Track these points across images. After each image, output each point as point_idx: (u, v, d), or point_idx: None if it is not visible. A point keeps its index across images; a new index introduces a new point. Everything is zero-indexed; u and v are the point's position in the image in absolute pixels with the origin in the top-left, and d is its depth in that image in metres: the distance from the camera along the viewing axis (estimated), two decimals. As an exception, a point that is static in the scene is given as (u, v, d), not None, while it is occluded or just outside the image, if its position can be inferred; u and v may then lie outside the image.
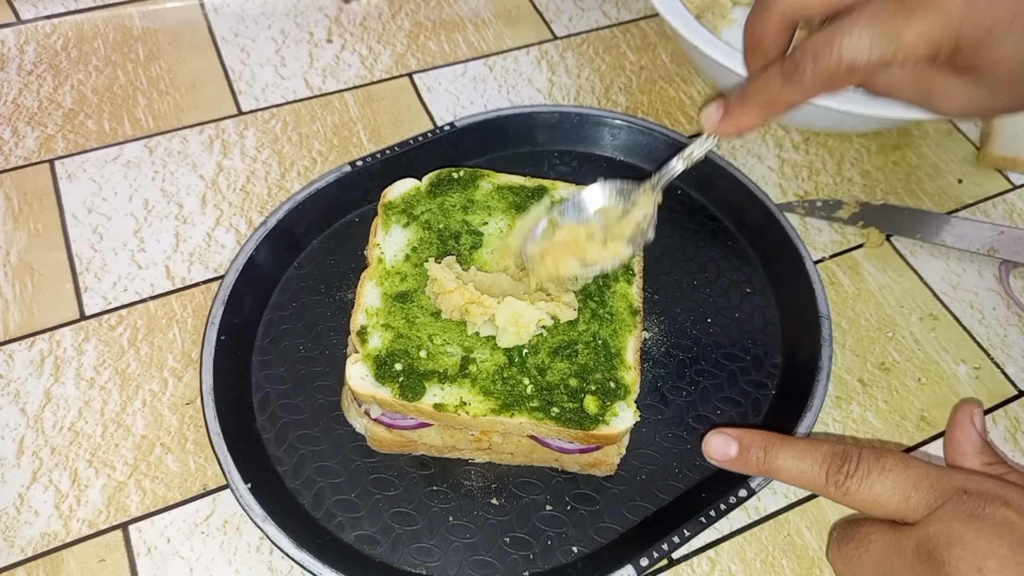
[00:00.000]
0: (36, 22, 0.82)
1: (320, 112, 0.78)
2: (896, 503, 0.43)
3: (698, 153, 0.56)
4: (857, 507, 0.45)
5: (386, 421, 0.55)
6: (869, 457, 0.45)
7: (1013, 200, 0.76)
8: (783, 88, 0.48)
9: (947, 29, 0.44)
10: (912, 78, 0.48)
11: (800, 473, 0.47)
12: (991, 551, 0.39)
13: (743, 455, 0.49)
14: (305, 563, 0.50)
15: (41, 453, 0.57)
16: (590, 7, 0.89)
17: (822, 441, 0.47)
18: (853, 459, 0.45)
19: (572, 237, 0.56)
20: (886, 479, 0.44)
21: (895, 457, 0.45)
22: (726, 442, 0.50)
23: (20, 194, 0.70)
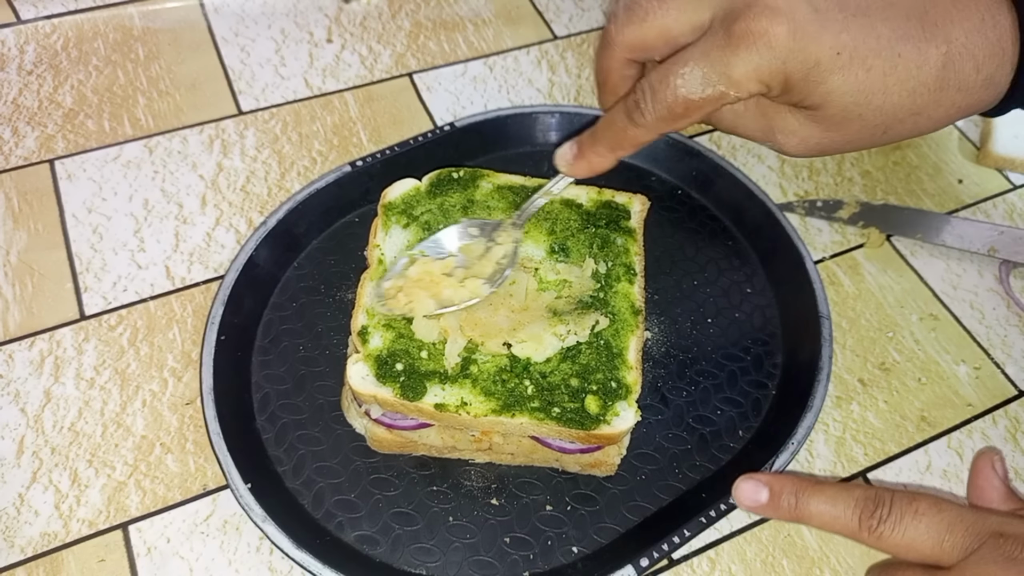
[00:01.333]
0: (36, 22, 0.82)
1: (320, 112, 0.78)
2: (931, 547, 0.43)
3: (557, 190, 0.56)
4: (892, 552, 0.45)
5: (386, 421, 0.55)
6: (902, 501, 0.44)
7: (1013, 200, 0.76)
8: (627, 127, 0.49)
9: (774, 64, 0.44)
10: (753, 115, 0.48)
11: (833, 519, 0.46)
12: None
13: (774, 501, 0.48)
14: (305, 563, 0.50)
15: (41, 453, 0.57)
16: (590, 7, 0.89)
17: (853, 486, 0.47)
18: (886, 503, 0.44)
19: (427, 274, 0.56)
20: (920, 523, 0.43)
21: (928, 500, 0.44)
22: (756, 488, 0.48)
23: (20, 194, 0.70)
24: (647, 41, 0.48)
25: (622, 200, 0.63)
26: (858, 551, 0.56)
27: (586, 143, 0.52)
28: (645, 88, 0.47)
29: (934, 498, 0.44)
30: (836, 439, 0.61)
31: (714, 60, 0.44)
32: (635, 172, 0.74)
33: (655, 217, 0.64)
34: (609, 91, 0.51)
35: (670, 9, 0.47)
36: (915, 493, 0.45)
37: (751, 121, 0.49)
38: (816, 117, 0.47)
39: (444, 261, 0.57)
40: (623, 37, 0.48)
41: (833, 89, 0.45)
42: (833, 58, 0.44)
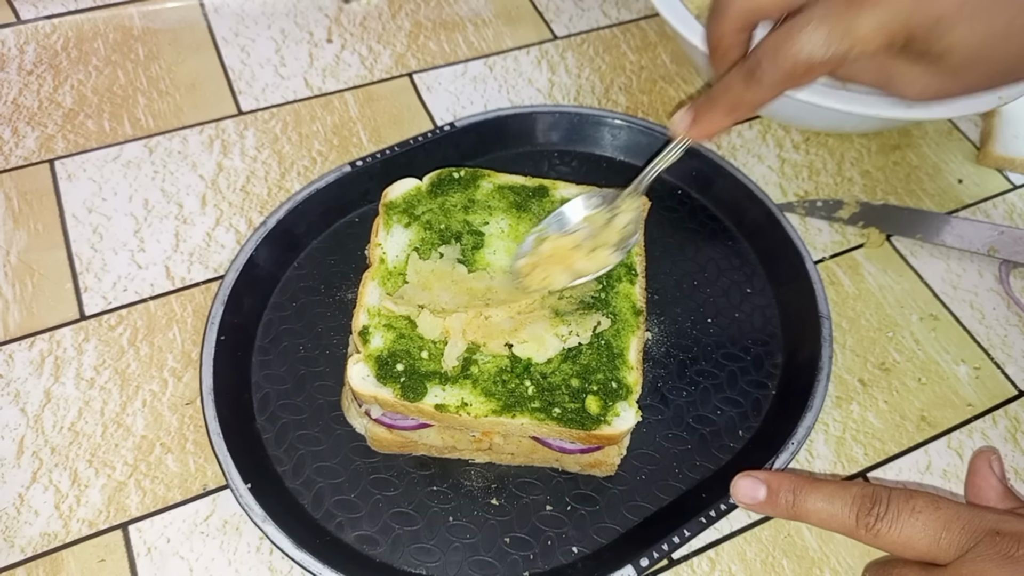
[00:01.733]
0: (36, 22, 0.82)
1: (320, 112, 0.78)
2: (927, 544, 0.43)
3: (674, 157, 0.56)
4: (888, 549, 0.45)
5: (387, 421, 0.55)
6: (899, 499, 0.44)
7: (1013, 200, 0.76)
8: (745, 90, 0.49)
9: (898, 20, 0.45)
10: (872, 67, 0.49)
11: (830, 516, 0.46)
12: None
13: (772, 499, 0.48)
14: (305, 563, 0.50)
15: (41, 453, 0.57)
16: (590, 7, 0.89)
17: (851, 484, 0.47)
18: (883, 501, 0.45)
19: (559, 248, 0.57)
20: (916, 520, 0.43)
21: (925, 498, 0.44)
22: (754, 485, 0.49)
23: (20, 194, 0.70)
24: (764, 5, 0.49)
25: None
26: (858, 551, 0.56)
27: (702, 107, 0.52)
28: (766, 50, 0.47)
29: (931, 496, 0.44)
30: (836, 439, 0.61)
31: (838, 19, 0.45)
32: (635, 172, 0.73)
33: (655, 217, 0.64)
34: (721, 56, 0.52)
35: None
36: (912, 491, 0.45)
37: (867, 73, 0.49)
38: (937, 68, 0.47)
39: (572, 235, 0.57)
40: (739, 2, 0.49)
41: (956, 41, 0.45)
42: (956, 11, 0.44)
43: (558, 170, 0.74)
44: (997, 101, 0.68)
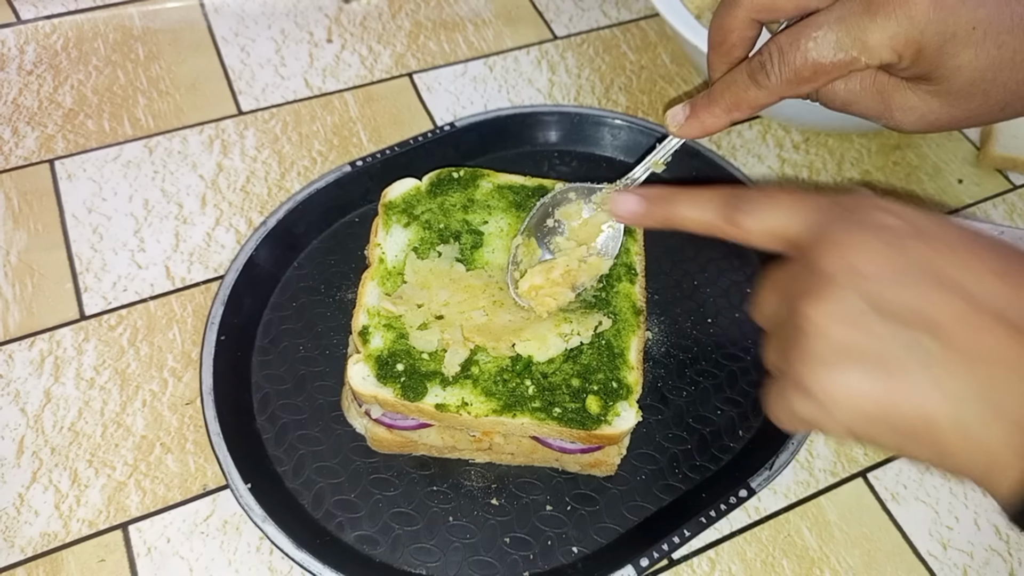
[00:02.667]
0: (36, 22, 0.82)
1: (320, 112, 0.78)
2: (783, 227, 0.44)
3: (663, 156, 0.55)
4: (752, 240, 0.46)
5: (387, 421, 0.55)
6: (757, 193, 0.46)
7: (1013, 200, 0.76)
8: (748, 88, 0.49)
9: (911, 33, 0.44)
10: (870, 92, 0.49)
11: (699, 218, 0.47)
12: (856, 242, 0.40)
13: (647, 209, 0.50)
14: (305, 563, 0.50)
15: (41, 453, 0.57)
16: (590, 7, 0.89)
17: (715, 188, 0.48)
18: (743, 197, 0.46)
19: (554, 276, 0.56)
20: (772, 206, 0.44)
21: (780, 190, 0.46)
22: (630, 199, 0.50)
23: (20, 194, 0.70)
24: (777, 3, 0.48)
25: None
26: (858, 551, 0.56)
27: (701, 103, 0.52)
28: (773, 50, 0.47)
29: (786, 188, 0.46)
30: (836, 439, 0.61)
31: (850, 25, 0.45)
32: (635, 172, 0.74)
33: (655, 217, 0.64)
34: (724, 52, 0.51)
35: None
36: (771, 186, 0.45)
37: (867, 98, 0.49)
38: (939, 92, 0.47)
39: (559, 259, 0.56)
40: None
41: (964, 64, 0.45)
42: (969, 32, 0.45)
43: (558, 170, 0.74)
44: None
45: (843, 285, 0.39)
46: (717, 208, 0.47)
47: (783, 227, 0.44)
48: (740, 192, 0.46)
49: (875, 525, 0.58)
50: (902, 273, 0.39)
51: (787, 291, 0.43)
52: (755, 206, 0.45)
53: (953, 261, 0.39)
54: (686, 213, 0.48)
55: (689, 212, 0.48)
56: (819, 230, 0.42)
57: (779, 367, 0.42)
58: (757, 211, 0.45)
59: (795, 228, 0.44)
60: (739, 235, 0.46)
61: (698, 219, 0.48)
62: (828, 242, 0.41)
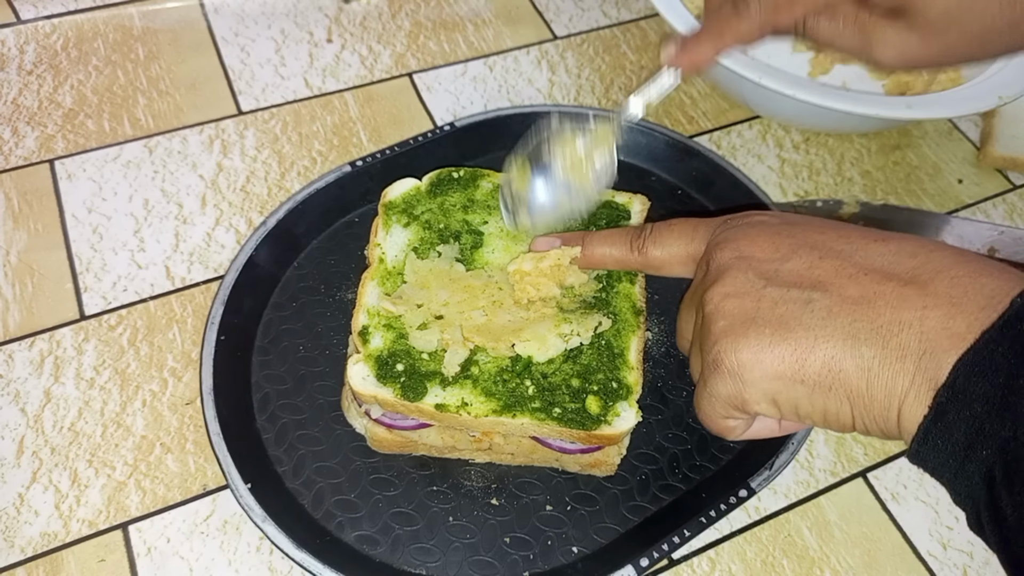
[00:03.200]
0: (36, 22, 0.82)
1: (320, 112, 0.78)
2: (683, 249, 0.49)
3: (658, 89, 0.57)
4: (659, 267, 0.50)
5: (386, 421, 0.55)
6: (660, 225, 0.51)
7: (1013, 200, 0.76)
8: (731, 18, 0.51)
9: None
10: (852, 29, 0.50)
11: (611, 255, 0.53)
12: (743, 235, 0.44)
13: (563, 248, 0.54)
14: (305, 563, 0.50)
15: (41, 453, 0.57)
16: (590, 7, 0.89)
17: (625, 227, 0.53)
18: (648, 229, 0.51)
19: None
20: (672, 233, 0.49)
21: (681, 219, 0.50)
22: (549, 241, 0.55)
23: (20, 194, 0.70)
24: None
25: (622, 200, 0.63)
26: (858, 551, 0.56)
27: (691, 38, 0.54)
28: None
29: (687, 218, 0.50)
30: (836, 439, 0.61)
31: None
32: (635, 172, 0.74)
33: (655, 217, 0.64)
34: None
35: None
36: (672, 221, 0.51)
37: (848, 34, 0.51)
38: (916, 25, 0.49)
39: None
40: None
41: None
42: None
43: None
44: (997, 101, 0.68)
45: (735, 267, 0.42)
46: (625, 241, 0.52)
47: (681, 246, 0.49)
48: (644, 226, 0.52)
49: (875, 525, 0.58)
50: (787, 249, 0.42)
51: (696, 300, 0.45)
52: (658, 234, 0.50)
53: (832, 236, 0.42)
54: (599, 251, 0.53)
55: (601, 249, 0.53)
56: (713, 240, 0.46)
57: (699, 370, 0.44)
58: (662, 241, 0.50)
59: (696, 248, 0.48)
60: (651, 264, 0.51)
61: (611, 254, 0.53)
62: (718, 242, 0.45)
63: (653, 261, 0.50)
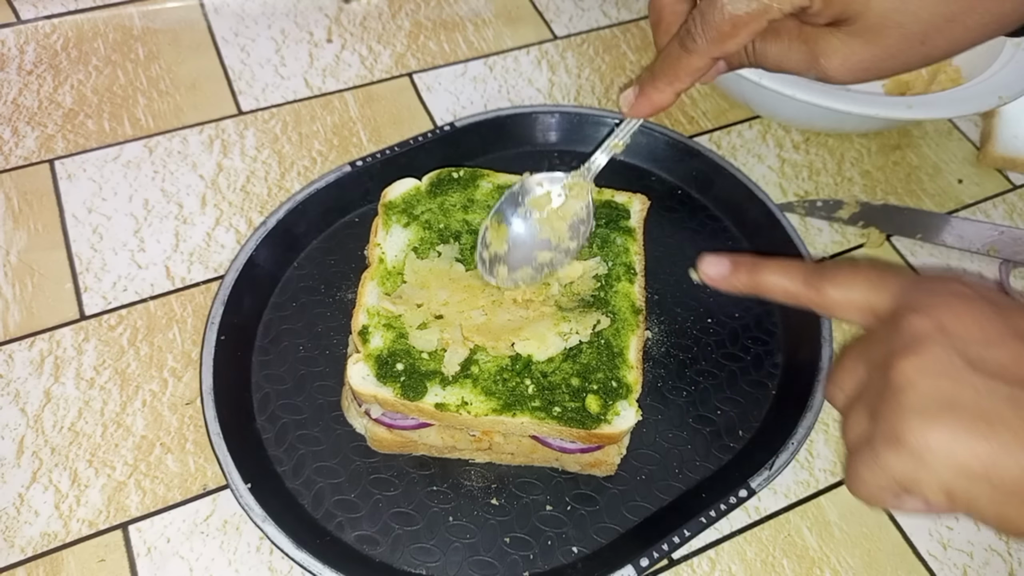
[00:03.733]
0: (36, 22, 0.82)
1: (320, 112, 0.78)
2: (864, 297, 0.46)
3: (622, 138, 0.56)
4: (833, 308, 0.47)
5: (386, 421, 0.55)
6: (842, 263, 0.49)
7: (1013, 200, 0.76)
8: (681, 57, 0.51)
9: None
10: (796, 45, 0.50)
11: (783, 286, 0.49)
12: (946, 305, 0.41)
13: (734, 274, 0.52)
14: (305, 563, 0.50)
15: (41, 453, 0.57)
16: (590, 7, 0.89)
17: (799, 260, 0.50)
18: (829, 267, 0.48)
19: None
20: (855, 277, 0.47)
21: (865, 262, 0.49)
22: (719, 261, 0.52)
23: (20, 194, 0.70)
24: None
25: (622, 200, 0.63)
26: (859, 551, 0.56)
27: (646, 81, 0.53)
28: (695, 14, 0.50)
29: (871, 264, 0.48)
30: (836, 439, 0.61)
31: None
32: (635, 172, 0.74)
33: (655, 217, 0.64)
34: (663, 30, 0.53)
35: None
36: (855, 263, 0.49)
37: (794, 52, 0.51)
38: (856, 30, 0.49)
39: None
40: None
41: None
42: None
43: (558, 170, 0.73)
44: (997, 101, 0.68)
45: (936, 342, 0.39)
46: (803, 278, 0.48)
47: (868, 299, 0.46)
48: (825, 264, 0.48)
49: (875, 525, 0.58)
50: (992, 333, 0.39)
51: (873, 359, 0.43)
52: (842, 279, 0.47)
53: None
54: (773, 280, 0.50)
55: (775, 280, 0.50)
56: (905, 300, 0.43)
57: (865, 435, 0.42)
58: (843, 283, 0.47)
59: (879, 298, 0.45)
60: (824, 304, 0.48)
61: (784, 287, 0.49)
62: (917, 307, 0.42)
63: (829, 302, 0.47)
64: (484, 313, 0.55)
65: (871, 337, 0.44)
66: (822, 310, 0.48)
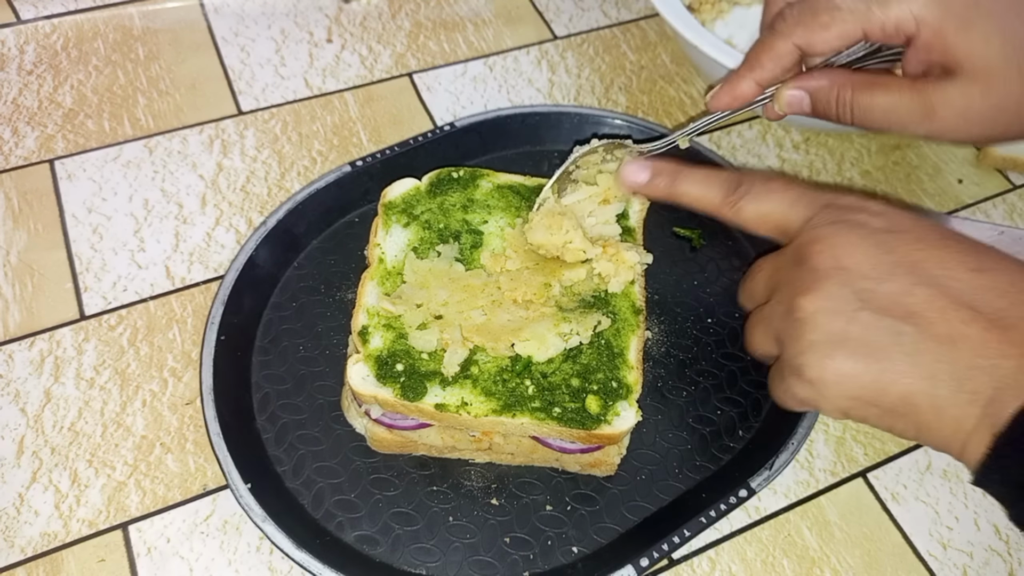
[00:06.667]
0: (36, 22, 0.82)
1: (320, 112, 0.78)
2: (778, 217, 0.49)
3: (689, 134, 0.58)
4: (748, 225, 0.50)
5: (386, 421, 0.55)
6: (759, 180, 0.50)
7: (1013, 200, 0.76)
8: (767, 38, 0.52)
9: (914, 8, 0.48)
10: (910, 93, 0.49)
11: (701, 196, 0.52)
12: (846, 242, 0.44)
13: (653, 180, 0.54)
14: (305, 563, 0.50)
15: (41, 453, 0.57)
16: (590, 7, 0.89)
17: (719, 170, 0.52)
18: (745, 182, 0.50)
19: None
20: (771, 197, 0.49)
21: (780, 180, 0.50)
22: (640, 168, 0.54)
23: (20, 194, 0.70)
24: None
25: (622, 200, 0.63)
26: (858, 551, 0.56)
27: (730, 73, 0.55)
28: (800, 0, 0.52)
29: (786, 178, 0.50)
30: (836, 439, 0.61)
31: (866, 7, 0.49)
32: (635, 172, 0.73)
33: (655, 217, 0.64)
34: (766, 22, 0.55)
35: None
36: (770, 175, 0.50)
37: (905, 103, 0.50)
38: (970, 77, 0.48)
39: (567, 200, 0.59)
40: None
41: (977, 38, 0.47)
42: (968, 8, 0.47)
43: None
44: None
45: (834, 280, 0.43)
46: (721, 189, 0.51)
47: (779, 217, 0.49)
48: (742, 176, 0.50)
49: (875, 525, 0.58)
50: (885, 268, 0.43)
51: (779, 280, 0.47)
52: (755, 192, 0.49)
53: (930, 256, 0.43)
54: (690, 189, 0.52)
55: (693, 189, 0.52)
56: (811, 227, 0.46)
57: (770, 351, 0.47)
58: (757, 198, 0.49)
59: (790, 219, 0.48)
60: (737, 218, 0.50)
61: (701, 197, 0.52)
62: (820, 241, 0.45)
63: (743, 218, 0.50)
64: (484, 313, 0.55)
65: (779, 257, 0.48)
66: (736, 224, 0.50)
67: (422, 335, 0.53)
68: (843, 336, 0.42)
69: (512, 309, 0.55)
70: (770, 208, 0.49)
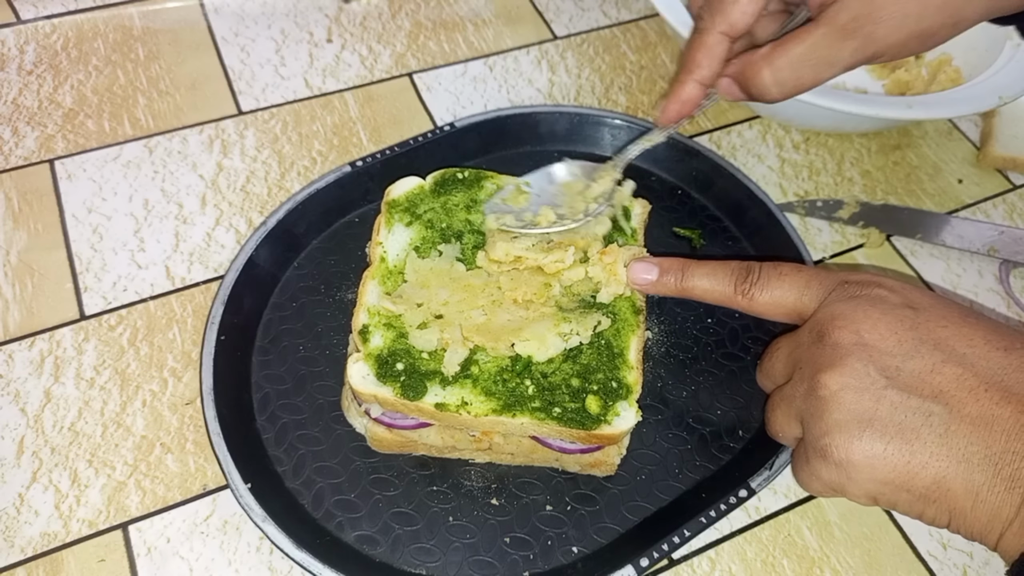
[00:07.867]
0: (36, 22, 0.82)
1: (320, 112, 0.78)
2: (792, 301, 0.48)
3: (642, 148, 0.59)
4: (762, 312, 0.50)
5: (386, 421, 0.55)
6: (768, 268, 0.50)
7: (1013, 200, 0.76)
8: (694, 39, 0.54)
9: None
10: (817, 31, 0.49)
11: (712, 289, 0.51)
12: (866, 317, 0.43)
13: (662, 279, 0.53)
14: (305, 563, 0.50)
15: (41, 453, 0.57)
16: (590, 7, 0.89)
17: (728, 262, 0.51)
18: (756, 271, 0.50)
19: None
20: (783, 283, 0.49)
21: (789, 265, 0.50)
22: (647, 267, 0.54)
23: (20, 194, 0.70)
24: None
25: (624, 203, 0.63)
26: (858, 551, 0.56)
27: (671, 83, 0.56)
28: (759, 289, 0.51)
29: (794, 264, 0.50)
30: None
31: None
32: (635, 172, 0.73)
33: (655, 217, 0.64)
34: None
35: None
36: (779, 262, 0.50)
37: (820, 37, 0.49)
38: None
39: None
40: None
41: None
42: None
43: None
44: (997, 101, 0.68)
45: (857, 356, 0.42)
46: (730, 281, 0.50)
47: (793, 300, 0.48)
48: (751, 265, 0.50)
49: (875, 525, 0.58)
50: (909, 345, 0.42)
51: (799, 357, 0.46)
52: (766, 279, 0.49)
53: (955, 334, 0.42)
54: (700, 283, 0.52)
55: (703, 283, 0.52)
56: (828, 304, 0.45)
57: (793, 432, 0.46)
58: (767, 284, 0.49)
59: (804, 301, 0.47)
60: (750, 307, 0.50)
61: (711, 289, 0.51)
62: (840, 317, 0.44)
63: (757, 306, 0.49)
64: (484, 313, 0.55)
65: (797, 336, 0.47)
66: (751, 313, 0.50)
67: (422, 334, 0.53)
68: (870, 415, 0.41)
69: (512, 309, 0.55)
70: (783, 293, 0.48)
